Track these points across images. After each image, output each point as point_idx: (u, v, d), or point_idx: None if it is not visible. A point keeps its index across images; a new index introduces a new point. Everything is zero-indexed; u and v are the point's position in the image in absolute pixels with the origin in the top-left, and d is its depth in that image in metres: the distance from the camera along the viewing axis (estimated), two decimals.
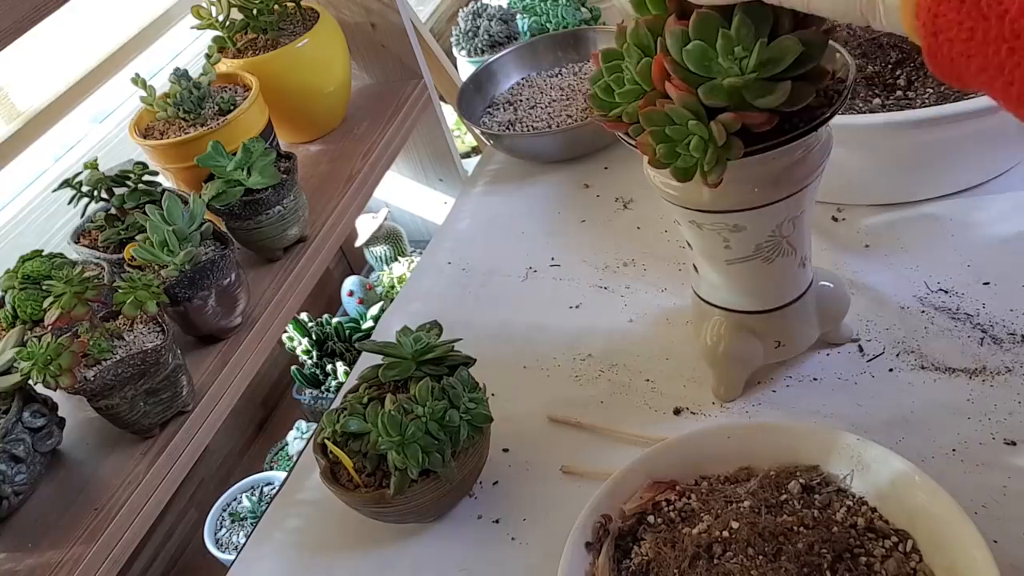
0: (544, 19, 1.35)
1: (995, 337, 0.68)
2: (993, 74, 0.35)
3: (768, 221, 0.59)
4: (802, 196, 0.59)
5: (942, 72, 0.38)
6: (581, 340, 0.80)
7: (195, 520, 1.55)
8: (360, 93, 1.56)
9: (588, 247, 0.91)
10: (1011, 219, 0.77)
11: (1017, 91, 0.35)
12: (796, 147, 0.55)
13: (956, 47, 0.36)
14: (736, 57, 0.49)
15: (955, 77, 0.37)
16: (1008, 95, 0.35)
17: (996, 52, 0.35)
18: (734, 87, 0.50)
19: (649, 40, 0.53)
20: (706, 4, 0.49)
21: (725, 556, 0.54)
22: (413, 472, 0.62)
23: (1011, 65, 0.34)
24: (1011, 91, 0.35)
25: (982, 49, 0.35)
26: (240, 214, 1.09)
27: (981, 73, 0.36)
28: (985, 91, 0.37)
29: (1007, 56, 0.34)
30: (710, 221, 0.60)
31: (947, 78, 0.38)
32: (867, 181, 0.81)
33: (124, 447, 0.95)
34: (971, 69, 0.36)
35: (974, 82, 0.37)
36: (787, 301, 0.65)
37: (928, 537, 0.53)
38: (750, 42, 0.49)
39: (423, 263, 0.98)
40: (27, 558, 0.86)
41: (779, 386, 0.70)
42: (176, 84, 1.18)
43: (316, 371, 1.70)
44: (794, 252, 0.62)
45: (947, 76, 0.38)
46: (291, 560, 0.70)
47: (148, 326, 0.91)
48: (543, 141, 1.03)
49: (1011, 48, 0.34)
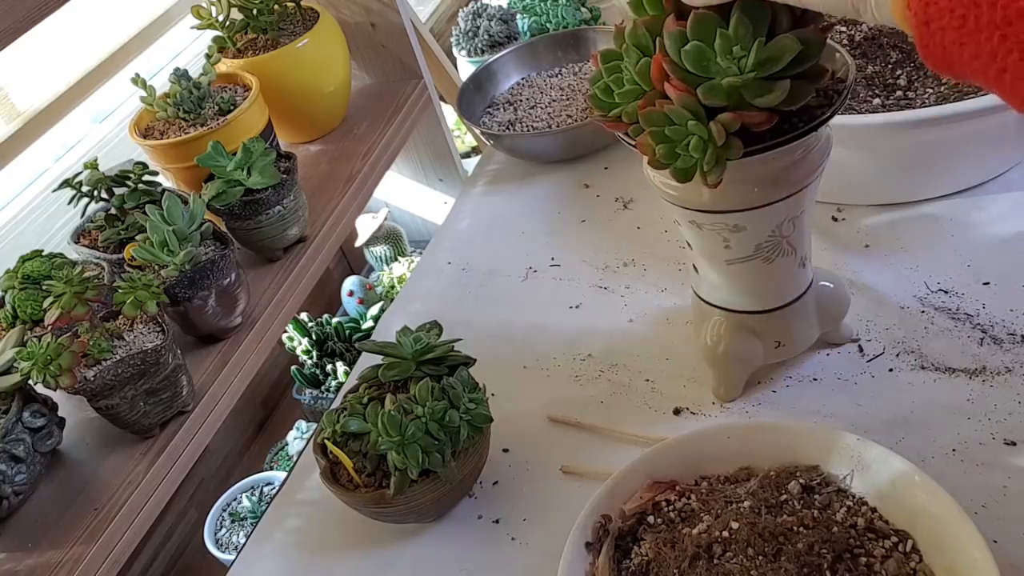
0: (544, 19, 1.35)
1: (995, 337, 0.68)
2: (986, 62, 0.35)
3: (768, 221, 0.59)
4: (802, 196, 0.59)
5: (935, 62, 0.37)
6: (581, 340, 0.80)
7: (195, 520, 1.55)
8: (360, 93, 1.56)
9: (588, 247, 0.91)
10: (1011, 219, 0.77)
11: (1011, 78, 0.35)
12: (796, 147, 0.55)
13: (948, 36, 0.36)
14: (734, 57, 0.49)
15: (948, 67, 0.37)
16: (1002, 83, 0.35)
17: (988, 39, 0.34)
18: (733, 87, 0.50)
19: (647, 40, 0.53)
20: (701, 4, 0.49)
21: (725, 556, 0.54)
22: (413, 472, 0.62)
23: (1003, 52, 0.34)
24: (1004, 78, 0.35)
25: (974, 37, 0.35)
26: (240, 214, 1.09)
27: (974, 61, 0.35)
28: (979, 80, 0.36)
29: (999, 43, 0.34)
30: (710, 221, 0.60)
31: (940, 68, 0.38)
32: (867, 181, 0.81)
33: (124, 447, 0.95)
34: (964, 58, 0.36)
35: (967, 71, 0.36)
36: (787, 301, 0.65)
37: (928, 537, 0.53)
38: (748, 41, 0.49)
39: (423, 263, 0.98)
40: (27, 558, 0.86)
41: (779, 386, 0.70)
42: (176, 84, 1.19)
43: (316, 371, 1.70)
44: (794, 252, 0.62)
45: (940, 66, 0.37)
46: (291, 560, 0.70)
47: (148, 326, 0.91)
48: (543, 141, 1.03)
49: (1003, 35, 0.34)
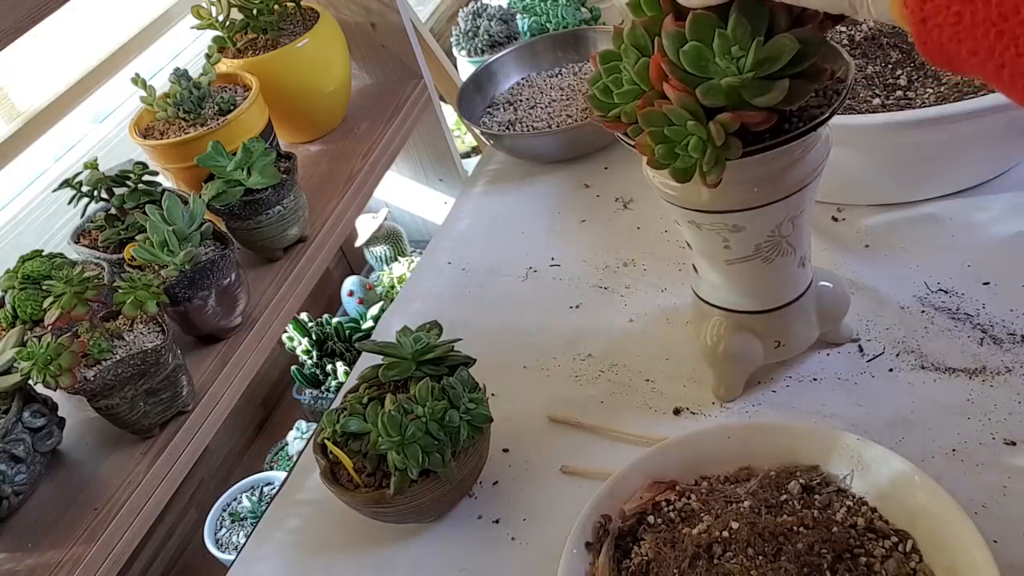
0: (544, 19, 1.35)
1: (995, 337, 0.68)
2: (984, 57, 0.35)
3: (768, 221, 0.59)
4: (801, 196, 0.59)
5: (934, 58, 0.38)
6: (581, 340, 0.80)
7: (195, 520, 1.55)
8: (360, 93, 1.56)
9: (588, 247, 0.91)
10: (1011, 219, 0.77)
11: (1009, 74, 0.35)
12: (795, 147, 0.55)
13: (945, 32, 0.36)
14: (733, 57, 0.49)
15: (947, 62, 0.37)
16: (1000, 78, 0.35)
17: (985, 35, 0.34)
18: (732, 87, 0.50)
19: (646, 41, 0.53)
20: (699, 5, 0.49)
21: (725, 556, 0.54)
22: (413, 472, 0.62)
23: (1000, 48, 0.34)
24: (1003, 74, 0.35)
25: (971, 33, 0.35)
26: (240, 214, 1.09)
27: (972, 57, 0.36)
28: (978, 75, 0.37)
29: (996, 39, 0.34)
30: (709, 221, 0.60)
31: (940, 64, 0.38)
32: (867, 181, 0.81)
33: (124, 447, 0.95)
34: (962, 54, 0.36)
35: (966, 66, 0.37)
36: (787, 301, 0.65)
37: (928, 537, 0.53)
38: (747, 41, 0.49)
39: (423, 263, 0.98)
40: (27, 558, 0.86)
41: (779, 386, 0.70)
42: (176, 84, 1.18)
43: (316, 371, 1.70)
44: (794, 252, 0.62)
45: (939, 62, 0.38)
46: (291, 560, 0.70)
47: (148, 326, 0.91)
48: (543, 141, 1.03)
49: (999, 31, 0.34)
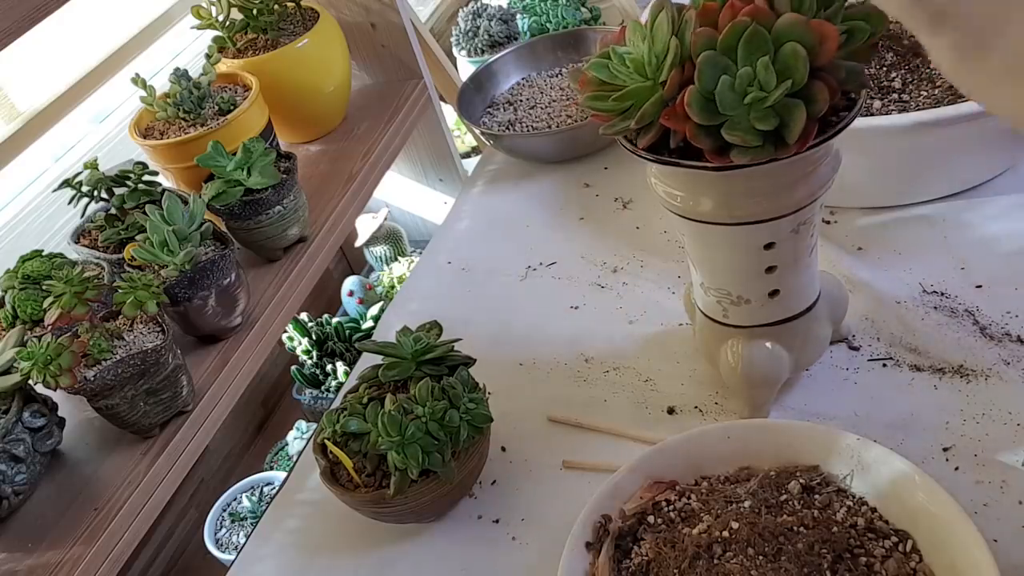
0: (544, 19, 1.35)
1: (992, 336, 0.68)
2: None
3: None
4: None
5: None
6: (581, 340, 0.80)
7: (195, 520, 1.55)
8: (360, 93, 1.56)
9: (587, 247, 0.91)
10: (1004, 222, 0.77)
11: None
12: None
13: None
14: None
15: None
16: None
17: None
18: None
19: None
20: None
21: (725, 556, 0.54)
22: (413, 472, 0.62)
23: None
24: None
25: None
26: (240, 214, 1.09)
27: None
28: None
29: None
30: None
31: None
32: (860, 184, 0.81)
33: (124, 447, 0.95)
34: None
35: None
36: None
37: (928, 537, 0.53)
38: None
39: (423, 263, 0.98)
40: (27, 558, 0.86)
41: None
42: (176, 84, 1.19)
43: (316, 371, 1.70)
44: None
45: None
46: (291, 560, 0.70)
47: (148, 326, 0.91)
48: (543, 141, 1.03)
49: None
